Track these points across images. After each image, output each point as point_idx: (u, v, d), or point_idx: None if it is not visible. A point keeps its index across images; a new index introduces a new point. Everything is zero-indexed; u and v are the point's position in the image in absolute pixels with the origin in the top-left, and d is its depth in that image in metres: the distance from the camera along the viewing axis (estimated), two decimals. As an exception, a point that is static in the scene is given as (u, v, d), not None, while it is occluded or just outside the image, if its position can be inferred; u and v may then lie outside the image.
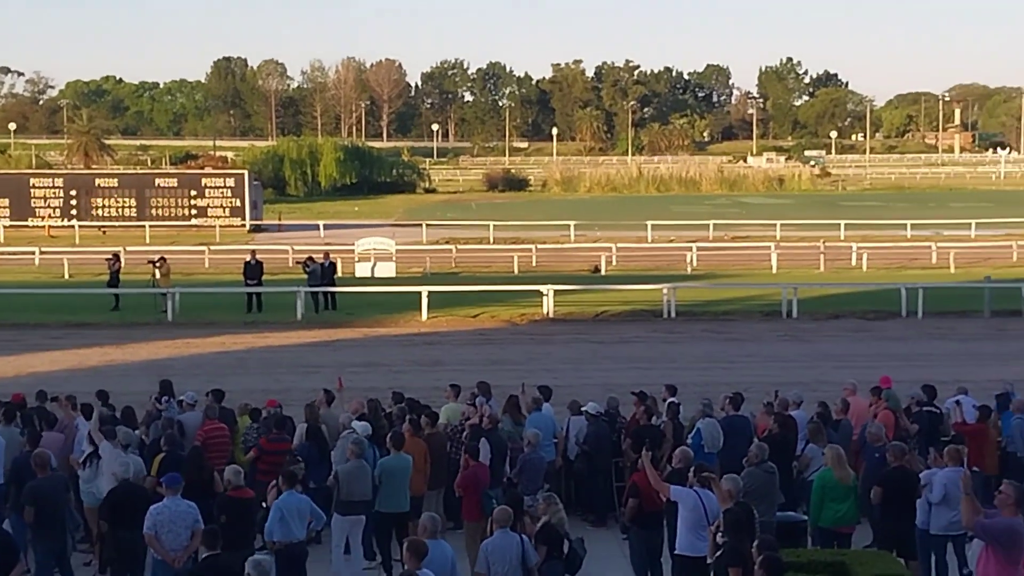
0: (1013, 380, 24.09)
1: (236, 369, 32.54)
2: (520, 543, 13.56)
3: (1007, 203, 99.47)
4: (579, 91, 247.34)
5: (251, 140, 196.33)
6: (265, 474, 17.41)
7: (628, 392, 21.53)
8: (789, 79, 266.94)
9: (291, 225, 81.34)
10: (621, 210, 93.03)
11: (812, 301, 42.80)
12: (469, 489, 16.80)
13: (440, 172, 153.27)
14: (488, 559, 13.52)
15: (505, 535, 13.63)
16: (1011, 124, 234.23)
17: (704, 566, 13.75)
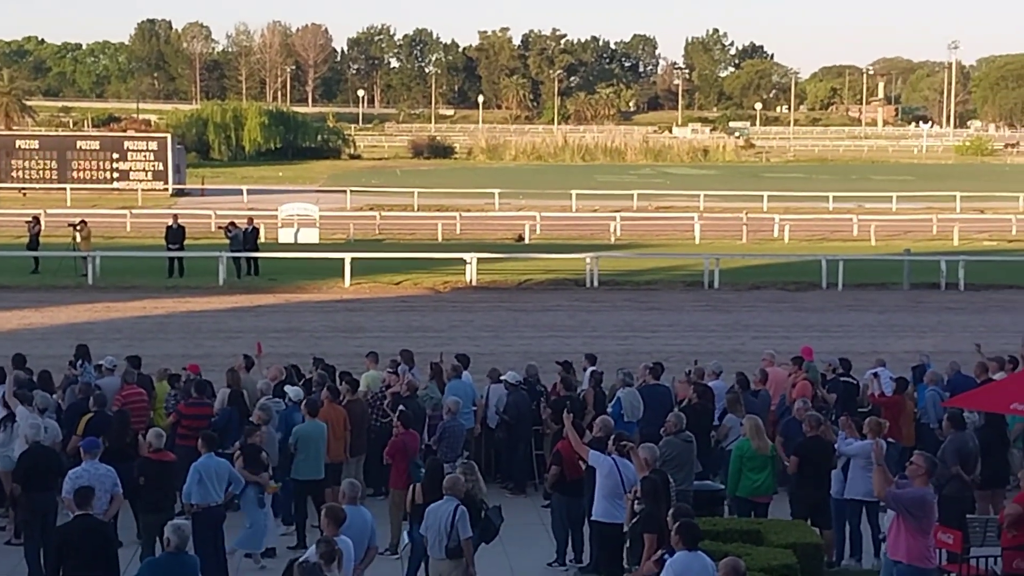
0: (929, 352, 24.47)
1: (157, 334, 32.29)
2: (452, 512, 13.55)
3: (928, 177, 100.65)
4: (506, 59, 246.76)
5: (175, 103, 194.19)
6: (185, 438, 17.31)
7: (549, 361, 21.60)
8: (715, 50, 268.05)
9: (214, 190, 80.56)
10: (546, 179, 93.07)
11: (734, 272, 43.14)
12: (398, 457, 16.77)
13: (365, 138, 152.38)
14: (427, 520, 13.63)
15: (446, 502, 13.64)
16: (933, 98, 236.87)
17: (620, 533, 13.84)
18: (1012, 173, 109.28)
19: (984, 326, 34.10)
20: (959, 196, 72.19)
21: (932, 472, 12.94)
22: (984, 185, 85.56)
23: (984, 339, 27.91)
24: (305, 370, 20.86)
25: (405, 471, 16.33)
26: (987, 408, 16.69)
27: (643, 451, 14.12)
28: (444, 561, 13.60)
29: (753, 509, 16.25)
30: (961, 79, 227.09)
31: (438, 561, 13.63)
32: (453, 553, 13.55)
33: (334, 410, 17.81)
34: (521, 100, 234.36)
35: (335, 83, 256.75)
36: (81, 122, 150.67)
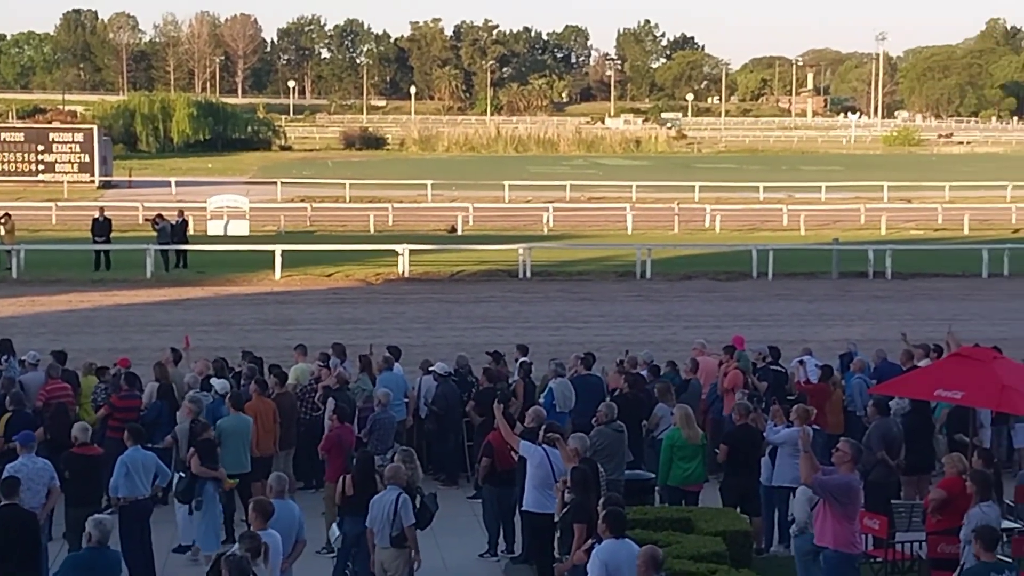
0: (857, 340, 24.72)
1: (83, 327, 31.95)
2: (394, 501, 13.55)
3: (856, 167, 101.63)
4: (438, 50, 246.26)
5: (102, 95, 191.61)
6: (115, 431, 17.15)
7: (482, 352, 21.58)
8: (647, 41, 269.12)
9: (142, 182, 79.62)
10: (479, 170, 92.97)
11: (666, 262, 43.30)
12: (333, 451, 16.68)
13: (296, 130, 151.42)
14: (371, 512, 13.61)
15: (389, 492, 13.65)
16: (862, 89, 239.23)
17: (551, 523, 13.86)
18: (939, 163, 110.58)
19: (911, 314, 34.48)
20: (887, 186, 72.96)
21: (857, 459, 13.07)
22: (911, 175, 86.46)
23: (910, 327, 28.20)
24: (234, 363, 20.70)
25: (341, 465, 16.26)
26: (912, 395, 16.86)
27: (573, 441, 14.15)
28: (388, 550, 13.63)
29: (684, 498, 16.34)
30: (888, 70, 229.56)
31: (383, 550, 13.66)
32: (397, 541, 13.58)
33: (263, 403, 17.71)
34: (453, 91, 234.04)
35: (265, 74, 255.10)
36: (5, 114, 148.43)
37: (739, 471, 16.38)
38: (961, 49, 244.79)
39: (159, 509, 16.33)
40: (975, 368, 15.26)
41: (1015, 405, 15.27)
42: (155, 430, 17.24)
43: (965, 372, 15.35)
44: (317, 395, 18.92)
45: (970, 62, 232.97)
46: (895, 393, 17.20)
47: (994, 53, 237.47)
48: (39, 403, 18.18)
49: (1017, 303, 37.42)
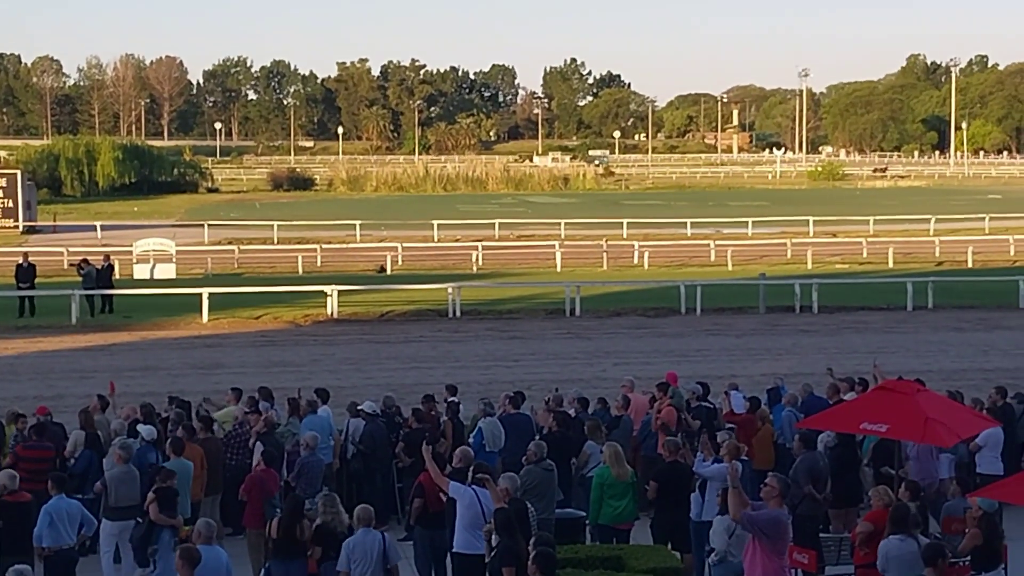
0: (785, 375, 24.89)
1: (7, 375, 31.48)
2: (381, 540, 13.51)
3: (782, 201, 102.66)
4: (365, 90, 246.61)
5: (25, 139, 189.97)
6: (23, 481, 16.84)
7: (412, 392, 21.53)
8: (573, 79, 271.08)
9: (67, 226, 78.94)
10: (408, 209, 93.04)
11: (595, 299, 43.44)
12: (253, 493, 16.54)
13: (223, 171, 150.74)
14: (350, 557, 13.45)
15: (367, 533, 13.55)
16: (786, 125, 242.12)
17: (482, 564, 13.79)
18: (863, 197, 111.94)
19: (837, 347, 34.79)
20: (812, 220, 73.84)
21: (786, 493, 13.13)
22: (836, 209, 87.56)
23: (837, 360, 28.57)
24: (161, 408, 20.49)
25: (260, 509, 16.11)
26: (838, 428, 16.99)
27: (503, 481, 14.10)
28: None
29: (615, 535, 16.33)
30: (812, 106, 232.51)
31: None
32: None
33: (191, 448, 17.53)
34: (381, 131, 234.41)
35: (191, 116, 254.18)
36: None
37: (669, 508, 16.41)
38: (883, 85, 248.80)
39: (84, 559, 16.08)
40: (899, 401, 15.41)
41: (939, 437, 15.44)
42: (84, 480, 17.01)
43: (890, 405, 15.50)
44: (251, 441, 18.73)
45: (891, 97, 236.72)
46: (821, 427, 17.33)
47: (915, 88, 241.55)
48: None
49: (941, 335, 37.90)
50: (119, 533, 16.48)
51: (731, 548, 14.11)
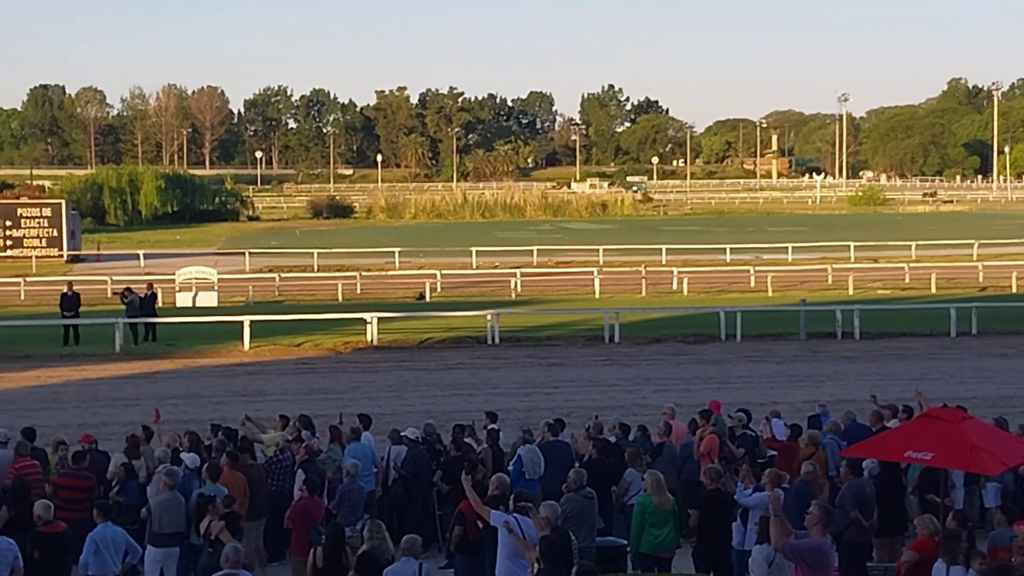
0: (826, 401, 24.71)
1: (52, 403, 31.67)
2: (418, 571, 13.53)
3: (822, 227, 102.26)
4: (404, 118, 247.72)
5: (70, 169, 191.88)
6: (60, 510, 16.95)
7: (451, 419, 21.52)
8: (611, 106, 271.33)
9: (111, 255, 79.55)
10: (446, 236, 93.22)
11: (634, 325, 43.33)
12: (298, 521, 16.61)
13: (264, 200, 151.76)
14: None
15: (407, 563, 13.58)
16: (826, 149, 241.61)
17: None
18: (904, 222, 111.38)
19: (879, 374, 34.57)
20: (853, 246, 73.48)
21: (828, 521, 13.06)
22: (877, 234, 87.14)
23: (880, 387, 28.42)
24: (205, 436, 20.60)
25: (305, 536, 16.16)
26: (883, 456, 16.88)
27: (544, 509, 14.08)
28: None
29: (656, 564, 16.27)
30: (852, 130, 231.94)
31: None
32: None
33: (233, 476, 17.60)
34: (420, 158, 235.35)
35: (232, 145, 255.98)
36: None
37: (711, 536, 16.35)
38: (923, 109, 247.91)
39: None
40: (944, 429, 15.31)
41: (985, 465, 15.31)
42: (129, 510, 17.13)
43: (934, 433, 15.39)
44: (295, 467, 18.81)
45: (933, 121, 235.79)
46: (865, 455, 17.22)
47: (956, 112, 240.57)
48: (8, 481, 18.00)
49: (985, 361, 37.57)
50: (163, 559, 16.58)
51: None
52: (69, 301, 42.34)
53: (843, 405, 23.97)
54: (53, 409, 30.52)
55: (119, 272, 60.97)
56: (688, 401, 26.51)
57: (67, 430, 23.99)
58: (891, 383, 31.81)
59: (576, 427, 22.39)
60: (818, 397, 27.28)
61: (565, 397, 31.57)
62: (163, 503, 16.65)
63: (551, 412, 25.74)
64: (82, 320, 42.20)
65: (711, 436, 19.93)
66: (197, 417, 27.10)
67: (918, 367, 36.06)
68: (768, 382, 33.85)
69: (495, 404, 26.75)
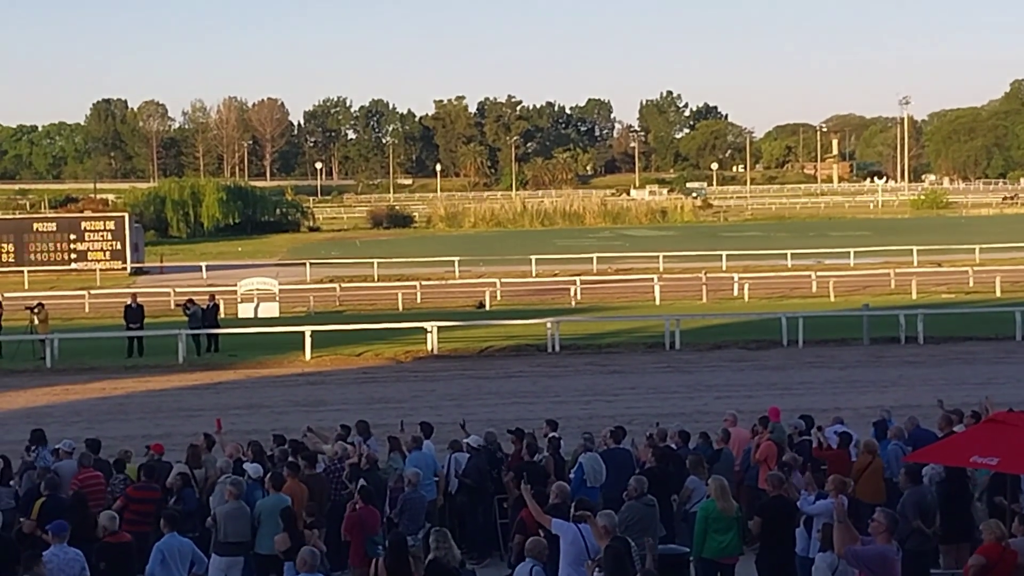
0: (891, 407, 24.46)
1: (116, 415, 32.00)
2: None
3: (885, 231, 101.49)
4: (462, 127, 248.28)
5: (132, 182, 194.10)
6: (131, 523, 17.06)
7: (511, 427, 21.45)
8: (670, 112, 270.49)
9: (173, 267, 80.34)
10: (505, 245, 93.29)
11: (694, 332, 43.19)
12: (354, 532, 16.63)
13: (324, 210, 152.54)
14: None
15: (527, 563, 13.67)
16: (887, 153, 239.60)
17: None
18: (968, 225, 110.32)
19: (944, 379, 34.21)
20: (916, 250, 72.83)
21: (893, 529, 12.92)
22: (940, 238, 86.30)
23: (945, 392, 28.09)
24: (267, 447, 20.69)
25: (362, 547, 16.17)
26: (948, 462, 16.70)
27: (601, 519, 14.02)
28: None
29: (719, 571, 16.19)
30: (914, 134, 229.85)
31: None
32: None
33: (296, 486, 17.67)
34: (479, 167, 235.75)
35: (292, 156, 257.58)
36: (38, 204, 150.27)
37: (774, 543, 16.22)
38: (986, 111, 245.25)
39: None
40: (1010, 433, 15.13)
41: (1051, 469, 15.12)
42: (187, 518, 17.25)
43: (1000, 437, 15.22)
44: (344, 473, 18.86)
45: (995, 124, 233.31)
46: (930, 460, 17.04)
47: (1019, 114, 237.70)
48: (71, 491, 18.19)
49: (1051, 364, 37.12)
50: (227, 569, 16.68)
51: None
52: (133, 313, 42.78)
53: (908, 411, 23.71)
54: (118, 421, 30.83)
55: (182, 284, 61.53)
56: (750, 408, 26.34)
57: (131, 441, 24.22)
58: (956, 388, 31.50)
59: (637, 434, 22.28)
60: (882, 403, 27.04)
61: (626, 404, 31.48)
62: (229, 512, 16.75)
63: (612, 420, 25.68)
64: (146, 332, 42.62)
65: (768, 443, 19.82)
66: (259, 427, 27.27)
67: (983, 371, 35.68)
68: (831, 388, 33.59)
69: (555, 412, 26.72)
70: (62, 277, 73.42)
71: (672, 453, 19.30)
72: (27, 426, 25.19)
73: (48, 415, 30.67)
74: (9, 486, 18.67)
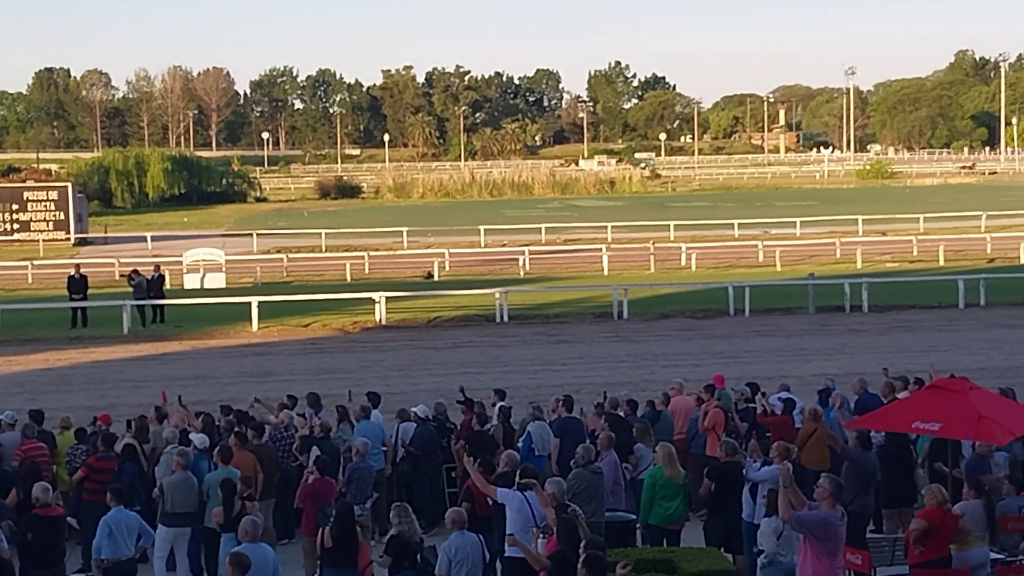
0: (835, 375, 24.69)
1: (60, 386, 31.75)
2: (480, 542, 13.65)
3: (830, 201, 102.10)
4: (410, 97, 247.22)
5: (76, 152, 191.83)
6: (92, 493, 17.03)
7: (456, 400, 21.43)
8: (618, 83, 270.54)
9: (118, 238, 79.65)
10: (454, 215, 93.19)
11: (643, 302, 43.33)
12: (308, 502, 16.59)
13: (271, 181, 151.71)
14: (451, 560, 13.51)
15: (463, 535, 13.65)
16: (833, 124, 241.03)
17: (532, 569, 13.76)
18: (912, 195, 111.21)
19: (889, 347, 34.56)
20: (861, 219, 73.37)
21: (838, 494, 13.03)
22: (885, 208, 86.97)
23: (889, 360, 28.37)
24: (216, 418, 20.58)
25: (315, 518, 16.16)
26: (890, 428, 16.87)
27: (550, 485, 14.07)
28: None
29: (665, 536, 16.31)
30: (859, 104, 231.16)
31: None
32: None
33: (243, 455, 17.60)
34: (427, 138, 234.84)
35: (239, 126, 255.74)
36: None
37: (723, 509, 16.36)
38: (931, 81, 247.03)
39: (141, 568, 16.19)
40: (952, 399, 15.29)
41: (993, 435, 15.30)
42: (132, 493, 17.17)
43: (942, 404, 15.39)
44: (295, 445, 18.82)
45: (940, 94, 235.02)
46: (873, 427, 17.20)
47: (963, 84, 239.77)
48: (15, 463, 18.04)
49: (993, 332, 37.57)
50: (174, 539, 16.63)
51: (780, 549, 14.07)
52: (77, 284, 42.41)
53: (852, 378, 23.78)
54: (62, 392, 30.59)
55: (126, 255, 61.01)
56: (697, 376, 26.49)
57: (76, 412, 23.92)
58: (900, 355, 31.83)
59: (585, 403, 22.37)
60: (827, 371, 27.32)
61: (574, 374, 31.58)
62: (176, 483, 16.69)
63: (560, 389, 25.77)
64: (90, 303, 42.29)
65: (716, 410, 19.95)
66: (206, 398, 27.15)
67: (927, 339, 36.08)
68: (777, 356, 33.86)
69: (504, 382, 26.76)
70: (4, 248, 72.67)
71: (621, 420, 19.38)
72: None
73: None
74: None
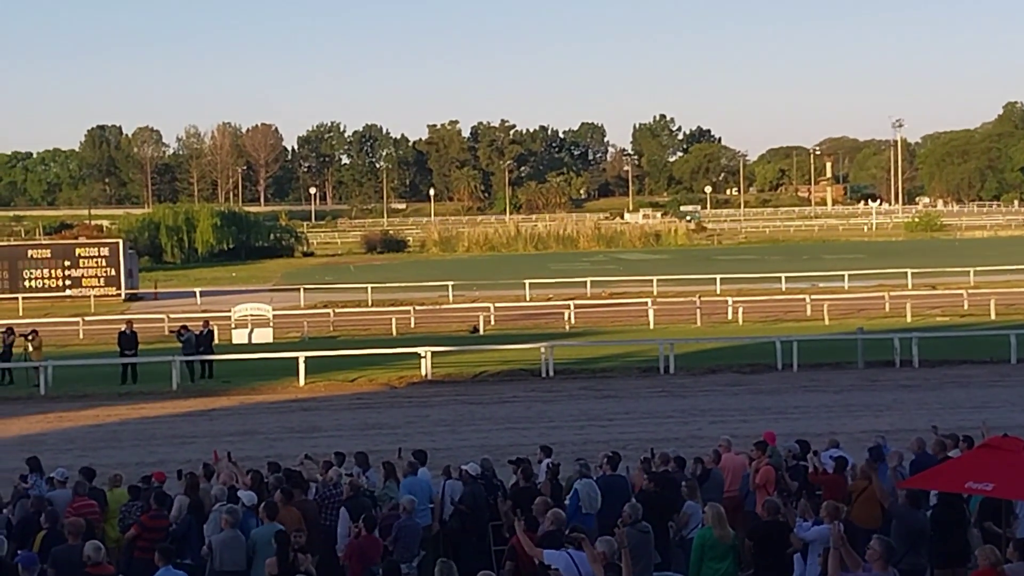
0: (885, 431, 24.45)
1: (110, 442, 31.89)
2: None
3: (878, 254, 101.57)
4: (456, 151, 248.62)
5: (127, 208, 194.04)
6: (144, 551, 17.00)
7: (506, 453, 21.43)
8: (663, 135, 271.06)
9: (168, 293, 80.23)
10: (499, 269, 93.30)
11: (689, 356, 43.13)
12: (354, 560, 16.56)
13: (318, 235, 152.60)
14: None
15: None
16: (881, 176, 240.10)
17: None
18: (962, 248, 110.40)
19: (940, 403, 34.20)
20: (910, 272, 72.82)
21: (889, 556, 12.88)
22: (935, 261, 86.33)
23: (940, 416, 28.10)
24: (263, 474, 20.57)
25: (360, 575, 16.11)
26: (942, 487, 16.67)
27: (600, 544, 13.97)
28: None
29: (715, 598, 16.11)
30: (907, 156, 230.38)
31: None
32: None
33: (289, 512, 17.60)
34: (472, 191, 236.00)
35: (287, 181, 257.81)
36: (33, 230, 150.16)
37: (769, 569, 16.16)
38: (979, 133, 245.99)
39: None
40: (1005, 458, 15.10)
41: (1046, 494, 15.09)
42: (184, 544, 17.14)
43: (995, 463, 15.19)
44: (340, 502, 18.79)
45: (989, 146, 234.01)
46: (925, 487, 17.01)
47: (1012, 136, 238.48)
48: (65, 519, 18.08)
49: (1047, 388, 37.10)
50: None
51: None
52: (127, 339, 42.72)
53: (903, 435, 23.73)
54: (111, 448, 30.73)
55: (176, 310, 61.46)
56: (745, 432, 26.33)
57: (125, 468, 24.13)
58: (952, 412, 31.48)
59: (631, 460, 22.24)
60: (877, 427, 27.07)
61: (620, 429, 31.41)
62: (224, 541, 16.65)
63: (606, 445, 25.63)
64: (140, 359, 42.55)
65: (767, 468, 19.73)
66: (253, 454, 27.17)
67: (978, 395, 35.65)
68: (826, 412, 33.55)
69: (550, 437, 26.68)
70: (57, 304, 73.29)
71: (668, 478, 19.24)
72: (21, 454, 25.16)
73: (41, 443, 30.56)
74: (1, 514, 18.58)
